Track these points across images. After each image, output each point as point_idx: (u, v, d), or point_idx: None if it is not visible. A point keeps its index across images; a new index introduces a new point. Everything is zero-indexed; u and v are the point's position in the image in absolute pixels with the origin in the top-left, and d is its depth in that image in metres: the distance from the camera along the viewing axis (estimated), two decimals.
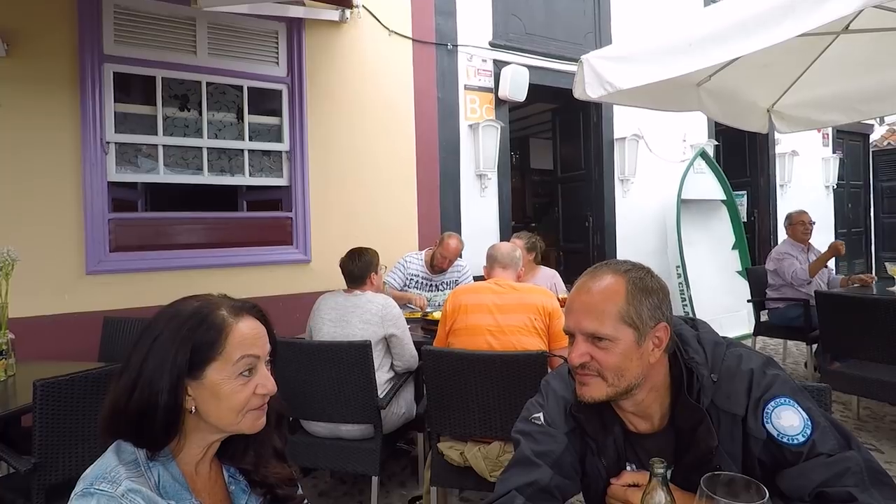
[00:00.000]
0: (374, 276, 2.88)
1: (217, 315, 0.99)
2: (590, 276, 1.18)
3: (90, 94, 3.56)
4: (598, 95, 2.99)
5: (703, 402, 1.11)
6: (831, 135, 8.60)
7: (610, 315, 1.10)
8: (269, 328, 1.07)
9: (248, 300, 1.07)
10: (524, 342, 2.38)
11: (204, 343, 0.97)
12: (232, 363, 0.98)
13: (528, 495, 1.13)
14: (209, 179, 4.05)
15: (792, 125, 4.17)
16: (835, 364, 3.72)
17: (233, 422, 0.99)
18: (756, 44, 2.25)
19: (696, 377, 1.13)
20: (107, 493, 0.87)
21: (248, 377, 1.00)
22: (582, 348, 1.12)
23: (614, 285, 1.13)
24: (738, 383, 1.12)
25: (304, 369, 2.57)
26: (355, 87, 4.56)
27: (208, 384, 0.97)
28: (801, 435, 1.06)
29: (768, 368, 1.14)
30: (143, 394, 0.94)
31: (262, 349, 1.03)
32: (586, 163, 6.31)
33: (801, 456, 1.05)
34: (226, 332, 0.98)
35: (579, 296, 1.16)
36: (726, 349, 1.18)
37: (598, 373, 1.11)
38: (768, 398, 1.10)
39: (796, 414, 1.07)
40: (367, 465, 2.58)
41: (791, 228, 4.82)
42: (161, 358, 0.95)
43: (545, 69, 5.58)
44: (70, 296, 3.51)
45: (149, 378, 0.94)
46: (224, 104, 4.15)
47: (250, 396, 1.00)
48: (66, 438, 2.00)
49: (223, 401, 0.98)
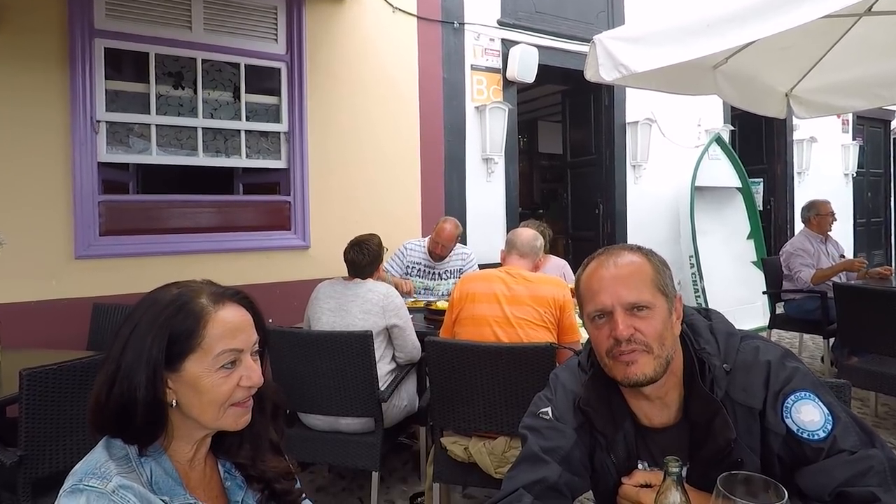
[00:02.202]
0: (380, 267, 2.88)
1: (196, 303, 0.97)
2: (607, 255, 1.20)
3: (80, 71, 3.52)
4: (612, 78, 2.95)
5: (717, 394, 1.11)
6: (851, 121, 8.52)
7: (646, 283, 1.14)
8: (256, 316, 1.04)
9: (237, 287, 1.04)
10: (532, 335, 2.36)
11: (181, 333, 0.94)
12: (213, 355, 0.95)
13: (536, 493, 1.13)
14: (204, 161, 4.02)
15: (811, 110, 4.13)
16: (852, 359, 3.72)
17: (215, 416, 0.97)
18: (777, 26, 2.21)
19: (708, 367, 1.13)
20: (97, 490, 0.85)
21: (231, 369, 0.97)
22: (627, 321, 1.11)
23: (638, 258, 1.18)
24: (755, 375, 1.12)
25: (302, 360, 2.56)
26: (357, 66, 4.52)
27: (188, 377, 0.95)
28: (821, 430, 1.05)
29: (787, 360, 1.14)
30: (122, 388, 0.92)
31: (247, 340, 1.00)
32: (597, 147, 6.27)
33: (821, 452, 1.04)
34: (204, 320, 0.95)
35: (607, 271, 1.17)
36: (741, 341, 1.18)
37: (644, 346, 1.11)
38: (788, 392, 1.09)
39: (817, 408, 1.07)
40: (367, 459, 2.57)
41: (818, 219, 4.77)
42: (138, 350, 0.93)
43: (555, 49, 5.53)
44: (58, 281, 3.49)
45: (126, 371, 0.92)
46: (220, 82, 4.11)
47: (234, 389, 0.97)
48: (53, 430, 1.99)
49: (204, 394, 0.95)
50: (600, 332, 1.14)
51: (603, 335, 1.14)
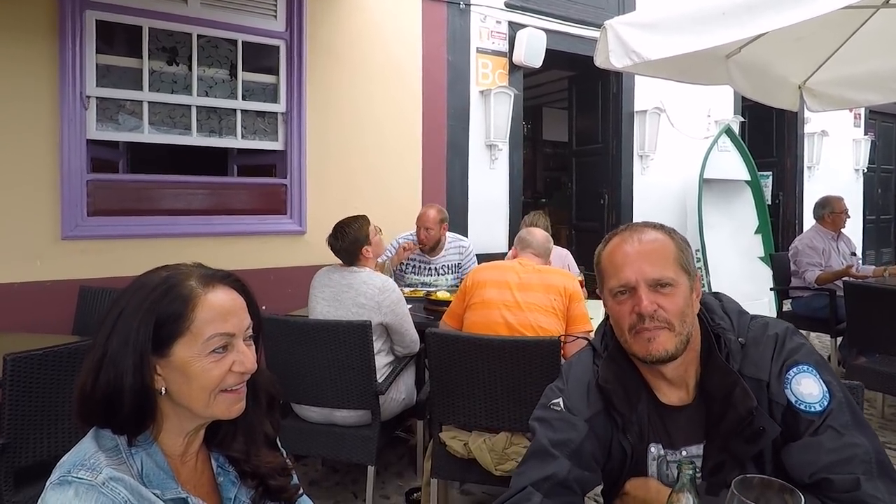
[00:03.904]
0: (367, 249, 2.78)
1: (184, 286, 0.95)
2: (630, 232, 1.22)
3: (70, 44, 3.46)
4: (623, 65, 2.94)
5: (733, 367, 1.16)
6: (863, 115, 8.50)
7: (669, 260, 1.17)
8: (249, 300, 1.02)
9: (229, 271, 1.02)
10: (541, 321, 2.42)
11: (169, 316, 0.92)
12: (202, 340, 0.93)
13: (545, 491, 1.13)
14: (198, 140, 3.99)
15: (824, 103, 4.11)
16: (860, 359, 3.71)
17: (206, 403, 0.94)
18: (795, 16, 2.19)
19: (724, 342, 1.18)
20: (86, 482, 0.84)
21: (223, 354, 0.95)
22: (650, 297, 1.14)
23: (661, 236, 1.21)
24: (764, 349, 1.17)
25: (296, 349, 2.54)
26: (359, 46, 4.48)
27: (177, 362, 0.93)
28: (818, 404, 1.10)
29: (794, 335, 1.20)
30: (109, 375, 0.90)
31: (238, 324, 0.98)
32: (603, 136, 6.25)
33: (812, 426, 1.09)
34: (193, 303, 0.94)
35: (631, 247, 1.19)
36: (751, 318, 1.24)
37: (665, 322, 1.14)
38: (790, 364, 1.15)
39: (817, 383, 1.12)
40: (362, 453, 2.56)
41: (832, 217, 4.75)
42: (124, 335, 0.91)
43: (563, 34, 5.49)
44: (43, 262, 3.45)
45: (113, 357, 0.91)
46: (216, 59, 4.06)
47: (225, 374, 0.95)
48: (37, 418, 1.96)
49: (194, 380, 0.93)
50: (622, 307, 1.17)
51: (625, 311, 1.16)
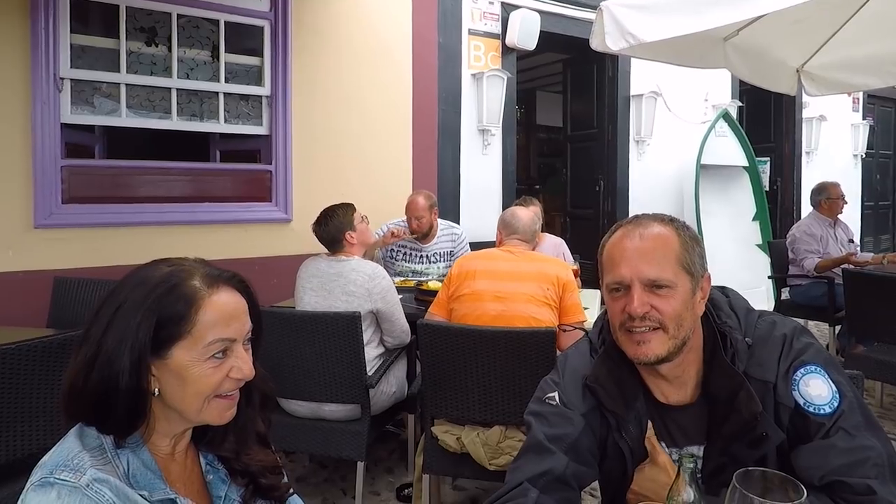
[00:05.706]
0: (351, 234, 2.76)
1: (188, 285, 0.94)
2: (634, 225, 1.19)
3: (42, 22, 3.41)
4: (619, 48, 2.96)
5: (738, 368, 1.14)
6: (862, 100, 8.56)
7: (669, 260, 1.14)
8: (251, 302, 1.02)
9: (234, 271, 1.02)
10: (533, 311, 2.40)
11: (171, 317, 0.91)
12: (203, 344, 0.92)
13: (541, 486, 1.12)
14: (178, 125, 3.96)
15: (822, 87, 4.14)
16: (858, 347, 3.76)
17: (198, 409, 0.94)
18: None
19: (730, 341, 1.16)
20: (69, 484, 0.83)
21: (222, 359, 0.94)
22: (643, 297, 1.12)
23: (666, 232, 1.17)
24: (771, 349, 1.15)
25: (283, 342, 2.53)
26: (347, 27, 4.44)
27: (174, 365, 0.92)
28: (827, 406, 1.08)
29: (802, 335, 1.18)
30: (102, 374, 0.89)
31: (240, 328, 0.97)
32: (599, 121, 6.26)
33: (822, 428, 1.07)
34: (197, 304, 0.93)
35: (630, 243, 1.16)
36: (758, 317, 1.22)
37: (659, 324, 1.12)
38: (798, 365, 1.13)
39: (826, 384, 1.10)
40: (352, 449, 2.55)
41: (829, 203, 4.79)
42: (122, 332, 0.90)
43: (558, 15, 5.49)
44: (15, 252, 3.42)
45: (108, 356, 0.89)
46: (197, 40, 4.02)
47: (222, 380, 0.94)
48: (10, 415, 1.93)
49: (190, 385, 0.93)
50: (616, 304, 1.16)
51: (618, 308, 1.15)
